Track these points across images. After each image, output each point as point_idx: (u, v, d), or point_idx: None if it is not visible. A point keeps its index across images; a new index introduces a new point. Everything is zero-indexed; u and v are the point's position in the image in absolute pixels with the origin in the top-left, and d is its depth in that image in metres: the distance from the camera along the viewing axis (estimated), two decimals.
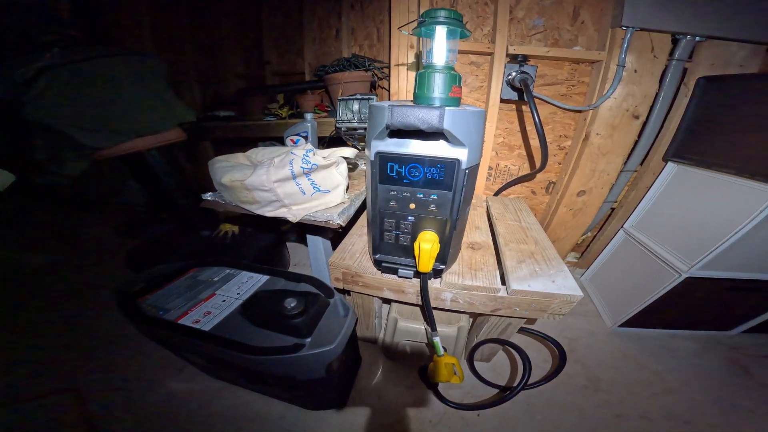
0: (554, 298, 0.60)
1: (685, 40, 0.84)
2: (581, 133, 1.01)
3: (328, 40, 1.64)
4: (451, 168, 0.49)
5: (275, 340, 0.59)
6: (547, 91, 1.01)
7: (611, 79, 0.89)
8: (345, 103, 1.20)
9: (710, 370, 0.93)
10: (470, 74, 1.02)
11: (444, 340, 0.85)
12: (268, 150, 0.85)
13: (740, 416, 0.79)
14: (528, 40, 0.96)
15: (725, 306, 0.95)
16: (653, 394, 0.86)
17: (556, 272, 0.66)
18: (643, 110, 0.95)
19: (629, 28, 0.82)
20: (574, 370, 0.92)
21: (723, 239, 0.75)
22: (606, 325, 1.10)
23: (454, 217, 0.54)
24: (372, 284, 0.73)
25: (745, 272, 0.82)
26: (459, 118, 0.45)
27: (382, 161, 0.52)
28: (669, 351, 1.00)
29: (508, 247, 0.76)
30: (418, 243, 0.55)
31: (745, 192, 0.73)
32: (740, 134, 0.77)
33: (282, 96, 1.52)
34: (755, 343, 1.02)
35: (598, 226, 1.28)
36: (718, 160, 0.81)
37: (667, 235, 0.95)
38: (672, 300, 0.91)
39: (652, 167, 1.04)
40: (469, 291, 0.65)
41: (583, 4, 0.90)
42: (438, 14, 0.47)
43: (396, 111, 0.44)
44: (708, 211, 0.82)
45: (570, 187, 1.08)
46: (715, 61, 0.87)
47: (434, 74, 0.49)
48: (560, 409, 0.81)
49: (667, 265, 0.89)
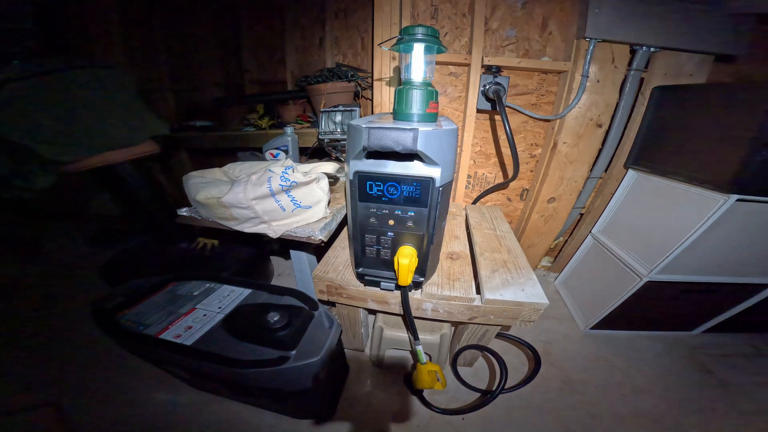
0: (523, 306, 0.64)
1: (642, 50, 0.90)
2: (550, 142, 1.06)
3: (311, 48, 1.64)
4: (426, 186, 0.51)
5: (260, 353, 0.60)
6: (519, 101, 1.05)
7: (576, 89, 0.94)
8: (327, 115, 1.21)
9: (675, 370, 0.99)
10: (450, 84, 1.06)
11: (427, 347, 0.87)
12: (247, 165, 0.84)
13: (704, 415, 0.85)
14: (501, 51, 1.00)
15: (685, 308, 1.01)
16: (624, 394, 0.90)
17: (526, 280, 0.70)
18: (606, 119, 1.00)
19: (592, 40, 0.88)
20: (550, 372, 0.96)
21: (676, 245, 0.80)
22: (579, 328, 1.15)
23: (430, 232, 0.56)
24: (356, 296, 0.74)
25: (698, 275, 0.88)
26: (432, 139, 0.47)
27: (361, 180, 0.54)
28: (637, 352, 1.05)
29: (484, 257, 0.79)
30: (396, 258, 0.57)
31: (694, 199, 0.78)
32: (688, 143, 0.82)
33: (262, 106, 1.51)
34: (715, 343, 1.09)
35: (568, 231, 1.34)
36: (671, 167, 0.87)
37: (630, 240, 1.01)
38: (636, 303, 0.96)
39: (615, 174, 1.10)
40: (448, 301, 0.67)
41: (551, 15, 0.94)
42: (416, 31, 0.50)
43: (372, 134, 0.46)
44: (664, 217, 0.88)
45: (541, 194, 1.14)
46: (667, 71, 0.94)
47: (412, 91, 0.52)
48: (538, 410, 0.84)
49: (630, 270, 0.94)
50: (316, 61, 1.63)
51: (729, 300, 0.98)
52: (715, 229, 0.74)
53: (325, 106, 1.30)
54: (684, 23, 0.85)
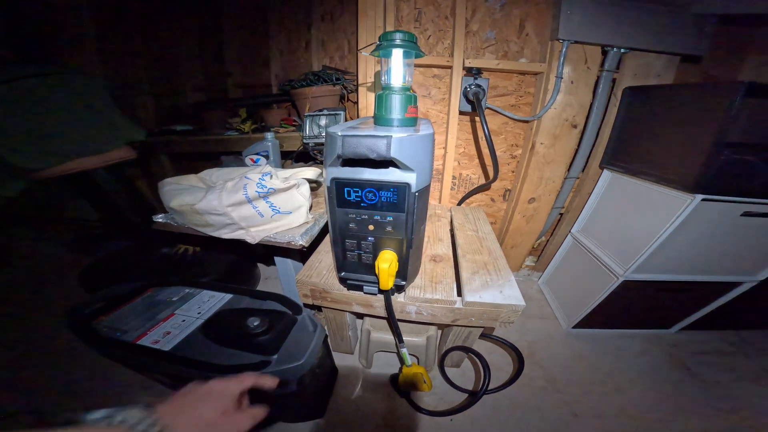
0: (502, 308, 0.65)
1: (613, 51, 0.93)
2: (529, 143, 1.09)
3: (297, 51, 1.63)
4: (402, 191, 0.52)
5: (240, 358, 0.60)
6: (498, 102, 1.07)
7: (551, 89, 0.96)
8: (312, 119, 1.21)
9: (655, 367, 1.01)
10: (434, 86, 1.07)
11: (414, 349, 0.88)
12: (224, 171, 0.83)
13: (685, 412, 0.87)
14: (482, 53, 1.01)
15: (661, 306, 1.03)
16: (605, 393, 0.92)
17: (504, 282, 0.71)
18: (581, 119, 1.03)
19: (565, 41, 0.90)
20: (535, 372, 0.97)
21: (648, 244, 0.82)
22: (561, 327, 1.17)
23: (409, 236, 0.56)
24: (340, 300, 0.74)
25: (672, 274, 0.90)
26: (406, 145, 0.47)
27: (339, 187, 0.54)
28: (617, 350, 1.08)
29: (465, 259, 0.80)
30: (377, 263, 0.57)
31: (663, 199, 0.80)
32: (657, 143, 0.85)
33: (244, 110, 1.49)
34: (692, 341, 1.11)
35: (550, 230, 1.37)
36: (641, 167, 0.90)
37: (606, 239, 1.03)
38: (614, 302, 0.98)
39: (592, 174, 1.13)
40: (431, 304, 0.68)
41: (528, 17, 0.95)
42: (394, 37, 0.51)
43: (347, 142, 0.47)
44: (637, 217, 0.90)
45: (522, 194, 1.16)
46: (637, 71, 0.97)
47: (391, 96, 0.53)
48: (523, 410, 0.86)
49: (608, 269, 0.96)
50: (302, 64, 1.62)
51: (703, 298, 1.01)
52: (684, 228, 0.76)
53: (310, 109, 1.29)
54: (651, 24, 0.88)
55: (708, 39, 0.90)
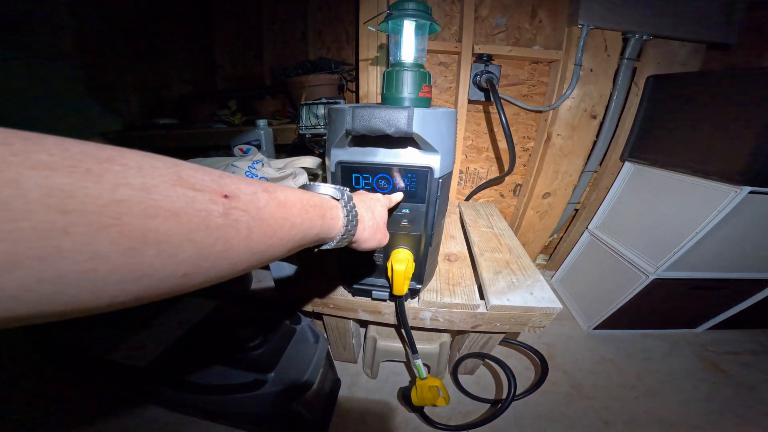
0: (534, 312, 0.57)
1: (634, 38, 0.87)
2: (543, 134, 1.02)
3: (292, 42, 1.54)
4: (423, 177, 0.44)
5: (230, 376, 0.52)
6: (510, 92, 1.01)
7: (569, 78, 0.90)
8: (309, 108, 1.12)
9: (685, 369, 0.95)
10: (439, 75, 1.00)
11: (427, 357, 0.80)
12: (208, 161, 0.74)
13: (724, 417, 0.81)
14: (492, 39, 0.95)
15: (691, 305, 0.98)
16: (636, 397, 0.85)
17: (533, 282, 0.63)
18: (600, 110, 0.97)
19: (584, 27, 0.84)
20: (556, 377, 0.90)
21: (684, 240, 0.76)
22: (581, 328, 1.10)
23: (429, 232, 0.48)
24: (344, 306, 0.66)
25: (707, 272, 0.84)
26: (429, 120, 0.39)
27: (345, 172, 0.45)
28: (643, 352, 1.01)
29: (484, 257, 0.72)
30: (390, 264, 0.49)
31: (701, 192, 0.75)
32: (689, 133, 0.79)
33: (234, 102, 1.39)
34: (720, 340, 1.06)
35: (563, 227, 1.31)
36: (671, 159, 0.84)
37: (630, 236, 0.97)
38: (641, 301, 0.92)
39: (611, 167, 1.07)
40: (449, 309, 0.60)
41: (541, 2, 0.90)
42: (406, 6, 0.43)
43: (358, 113, 0.38)
44: (668, 212, 0.84)
45: (536, 189, 1.09)
46: (660, 60, 0.92)
47: (403, 72, 0.45)
48: (548, 419, 0.79)
49: (634, 267, 0.90)
50: (297, 54, 1.54)
51: (736, 296, 0.96)
52: (726, 223, 0.70)
53: (306, 99, 1.20)
54: (676, 10, 0.83)
55: (737, 26, 0.85)
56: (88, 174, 0.12)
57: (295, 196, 0.24)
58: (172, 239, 0.14)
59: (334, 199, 0.30)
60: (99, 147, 0.13)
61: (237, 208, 0.18)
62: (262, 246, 0.20)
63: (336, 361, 0.91)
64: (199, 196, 0.16)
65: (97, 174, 0.12)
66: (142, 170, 0.14)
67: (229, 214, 0.17)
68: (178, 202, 0.15)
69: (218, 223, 0.16)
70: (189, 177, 0.16)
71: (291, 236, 0.23)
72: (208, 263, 0.17)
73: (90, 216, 0.12)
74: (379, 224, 0.36)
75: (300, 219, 0.24)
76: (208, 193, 0.16)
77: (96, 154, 0.13)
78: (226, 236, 0.17)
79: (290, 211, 0.23)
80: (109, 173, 0.13)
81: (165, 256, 0.14)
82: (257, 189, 0.20)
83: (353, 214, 0.31)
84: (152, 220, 0.13)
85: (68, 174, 0.11)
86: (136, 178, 0.13)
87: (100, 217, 0.12)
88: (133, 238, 0.13)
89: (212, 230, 0.16)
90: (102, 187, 0.12)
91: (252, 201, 0.19)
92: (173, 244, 0.14)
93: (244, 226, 0.18)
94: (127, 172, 0.13)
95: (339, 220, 0.29)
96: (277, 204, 0.21)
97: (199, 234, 0.15)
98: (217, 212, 0.16)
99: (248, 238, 0.19)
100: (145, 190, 0.14)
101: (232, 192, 0.18)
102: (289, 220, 0.22)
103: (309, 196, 0.26)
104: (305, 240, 0.25)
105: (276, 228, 0.21)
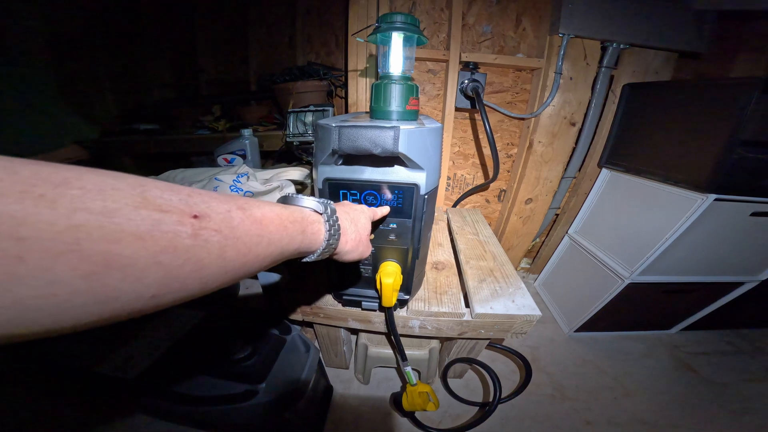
0: (515, 319, 0.59)
1: (612, 47, 0.91)
2: (525, 141, 1.05)
3: (279, 47, 1.52)
4: (409, 194, 0.45)
5: (220, 387, 0.52)
6: (494, 99, 1.03)
7: (550, 86, 0.93)
8: (296, 116, 1.11)
9: (660, 369, 0.99)
10: (428, 82, 1.02)
11: (417, 363, 0.81)
12: (190, 172, 0.72)
13: (698, 416, 0.84)
14: (478, 47, 0.97)
15: (664, 307, 1.02)
16: (615, 398, 0.89)
17: (515, 290, 0.65)
18: (579, 117, 1.00)
19: (565, 35, 0.87)
20: (540, 379, 0.93)
21: (655, 246, 0.79)
22: (563, 331, 1.14)
23: (416, 245, 0.49)
24: (335, 315, 0.66)
25: (678, 276, 0.88)
26: (415, 139, 0.41)
27: (333, 189, 0.46)
28: (622, 353, 1.05)
29: (469, 265, 0.74)
30: (378, 277, 0.50)
31: (671, 198, 0.78)
32: (661, 141, 0.83)
33: (219, 107, 1.36)
34: (693, 341, 1.11)
35: (545, 231, 1.34)
36: (645, 166, 0.87)
37: (607, 240, 1.00)
38: (619, 304, 0.95)
39: (589, 173, 1.11)
40: (436, 317, 0.61)
41: (525, 11, 0.93)
42: (394, 19, 0.44)
43: (344, 134, 0.39)
44: (641, 218, 0.87)
45: (519, 195, 1.12)
46: (636, 68, 0.96)
47: (390, 86, 0.46)
48: (532, 420, 0.81)
49: (611, 271, 0.93)
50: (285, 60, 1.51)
51: (705, 299, 1.00)
52: (694, 228, 0.74)
53: (294, 106, 1.20)
54: (651, 20, 0.87)
55: (707, 36, 0.89)
56: (41, 199, 0.12)
57: (273, 212, 0.24)
58: (138, 263, 0.14)
59: (317, 212, 0.30)
60: (54, 168, 0.13)
61: (207, 228, 0.17)
62: (237, 264, 0.20)
63: (328, 367, 0.91)
64: (166, 218, 0.15)
65: (51, 199, 0.12)
66: (102, 193, 0.14)
67: (199, 235, 0.17)
68: (143, 225, 0.14)
69: (186, 245, 0.16)
70: (155, 198, 0.16)
71: (268, 253, 0.23)
72: (177, 284, 0.16)
73: (45, 243, 0.11)
74: (362, 236, 0.36)
75: (278, 235, 0.23)
76: (176, 214, 0.16)
77: (49, 178, 0.12)
78: (196, 257, 0.17)
79: (267, 228, 0.22)
80: (64, 198, 0.12)
81: (131, 280, 0.14)
82: (231, 207, 0.20)
83: (336, 228, 0.31)
84: (115, 244, 0.13)
85: (18, 200, 0.11)
86: (95, 202, 0.13)
87: (56, 244, 0.12)
88: (95, 263, 0.13)
89: (180, 252, 0.16)
90: (57, 212, 0.12)
91: (224, 220, 0.19)
92: (139, 268, 0.14)
93: (215, 246, 0.18)
94: (85, 196, 0.13)
95: (321, 234, 0.29)
96: (253, 221, 0.21)
97: (167, 256, 0.15)
98: (185, 233, 0.16)
99: (221, 258, 0.18)
100: (106, 214, 0.13)
101: (202, 212, 0.18)
102: (265, 237, 0.22)
103: (289, 212, 0.26)
104: (283, 255, 0.25)
105: (251, 245, 0.21)
